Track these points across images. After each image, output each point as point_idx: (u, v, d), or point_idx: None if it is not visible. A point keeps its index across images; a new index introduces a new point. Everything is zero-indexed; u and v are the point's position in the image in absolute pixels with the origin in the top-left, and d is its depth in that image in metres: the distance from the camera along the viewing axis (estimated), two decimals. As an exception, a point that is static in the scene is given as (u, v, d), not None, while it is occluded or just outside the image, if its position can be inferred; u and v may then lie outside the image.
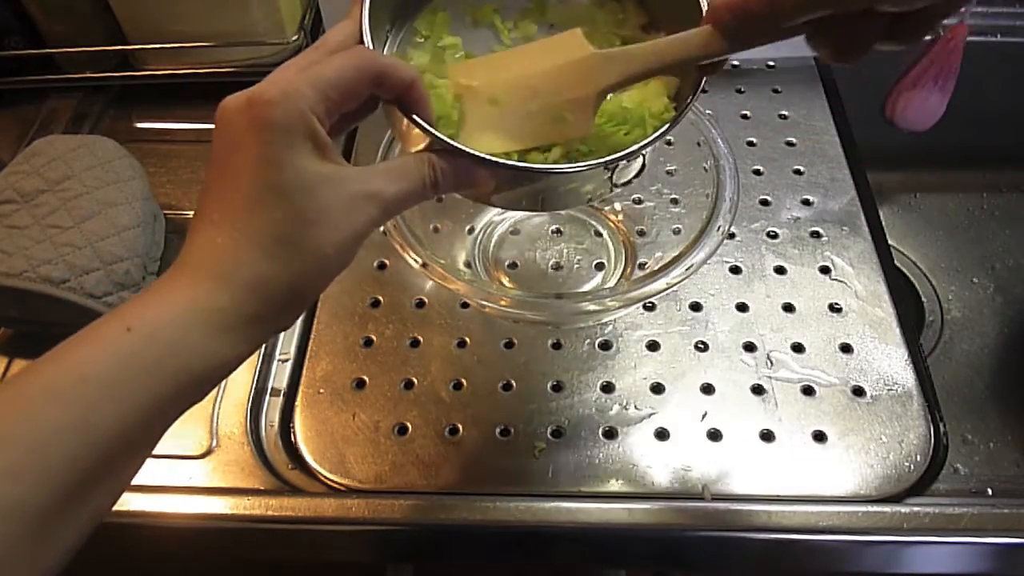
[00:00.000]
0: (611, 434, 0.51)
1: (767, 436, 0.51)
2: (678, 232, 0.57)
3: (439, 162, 0.34)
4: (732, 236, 0.61)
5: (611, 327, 0.56)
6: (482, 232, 0.62)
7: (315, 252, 0.30)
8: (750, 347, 0.55)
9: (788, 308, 0.57)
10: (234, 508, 0.47)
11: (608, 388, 0.53)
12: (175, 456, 0.51)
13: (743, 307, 0.58)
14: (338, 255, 0.31)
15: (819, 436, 0.51)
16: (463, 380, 0.54)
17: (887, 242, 0.61)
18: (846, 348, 0.55)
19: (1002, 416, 0.53)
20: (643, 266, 0.59)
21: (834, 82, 0.74)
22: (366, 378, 0.54)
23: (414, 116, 0.34)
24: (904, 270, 0.63)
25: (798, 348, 0.55)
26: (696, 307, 0.58)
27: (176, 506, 0.47)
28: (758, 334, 0.56)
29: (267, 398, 0.54)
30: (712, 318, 0.57)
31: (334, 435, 0.51)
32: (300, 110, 0.30)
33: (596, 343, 0.56)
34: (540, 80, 0.37)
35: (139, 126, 0.74)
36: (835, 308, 0.57)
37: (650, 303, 0.58)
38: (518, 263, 0.61)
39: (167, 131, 0.73)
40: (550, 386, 0.54)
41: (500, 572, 0.59)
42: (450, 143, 0.34)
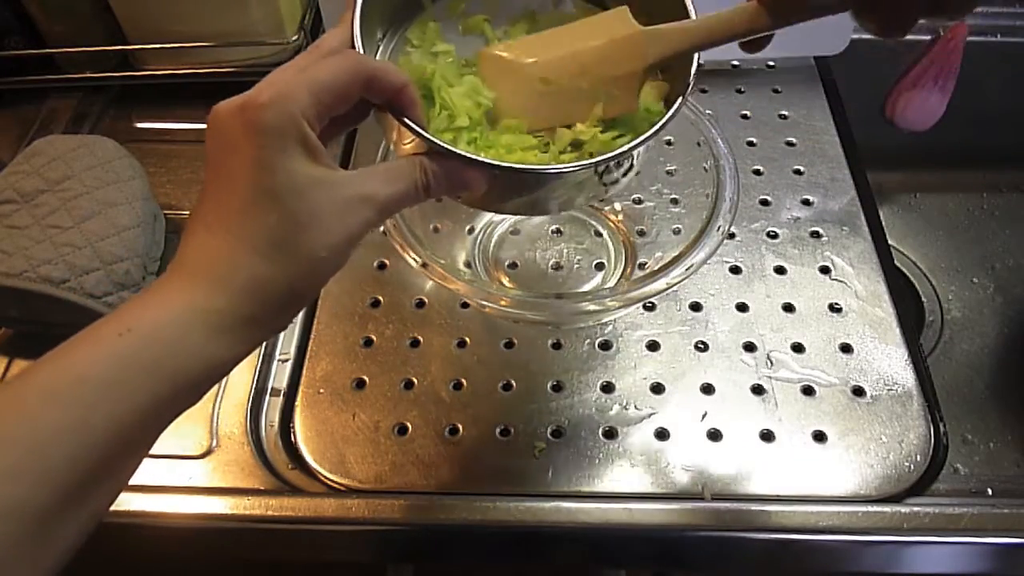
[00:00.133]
0: (611, 434, 0.51)
1: (767, 436, 0.51)
2: (678, 232, 0.57)
3: (430, 165, 0.34)
4: (732, 236, 0.61)
5: (611, 327, 0.56)
6: (482, 232, 0.62)
7: (309, 254, 0.30)
8: (750, 347, 0.55)
9: (788, 308, 0.57)
10: (234, 508, 0.47)
11: (608, 388, 0.53)
12: (175, 456, 0.51)
13: (743, 307, 0.58)
14: (332, 257, 0.31)
15: (819, 436, 0.51)
16: (463, 380, 0.54)
17: (887, 242, 0.61)
18: (846, 348, 0.55)
19: (1002, 416, 0.53)
20: (643, 266, 0.59)
21: (834, 82, 0.74)
22: (366, 378, 0.54)
23: (405, 119, 0.34)
24: (904, 270, 0.63)
25: (798, 348, 0.55)
26: (696, 307, 0.58)
27: (176, 506, 0.47)
28: (758, 334, 0.56)
29: (267, 398, 0.54)
30: (712, 318, 0.57)
31: (334, 435, 0.51)
32: (291, 113, 0.30)
33: (596, 343, 0.56)
34: (589, 57, 0.37)
35: (139, 126, 0.74)
36: (835, 308, 0.57)
37: (650, 303, 0.58)
38: (518, 263, 0.61)
39: (167, 131, 0.73)
40: (550, 386, 0.54)
41: (500, 572, 0.59)
42: (441, 145, 0.34)
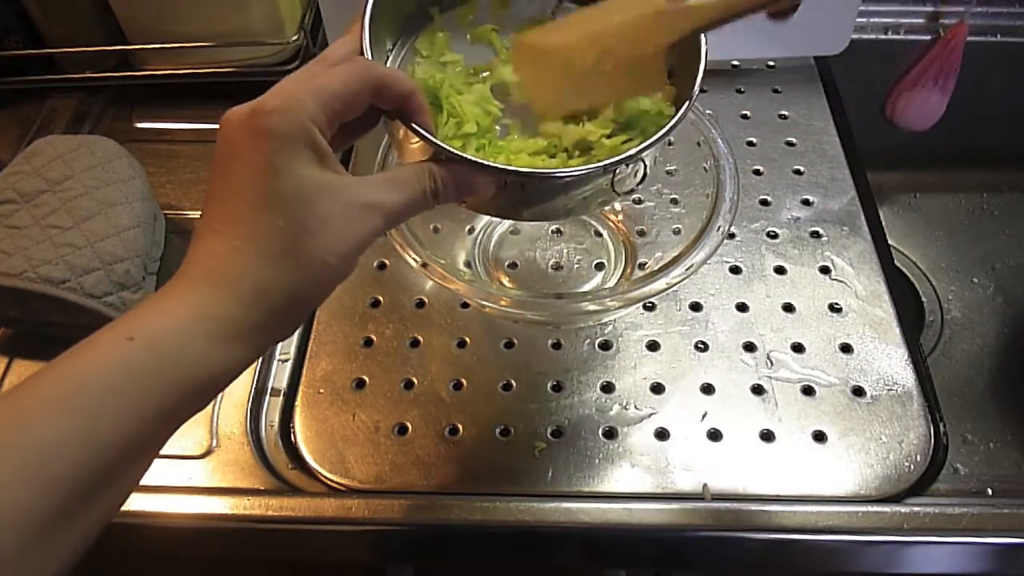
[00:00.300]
0: (611, 434, 0.51)
1: (767, 436, 0.51)
2: (678, 232, 0.57)
3: (440, 171, 0.34)
4: (732, 236, 0.61)
5: (611, 327, 0.56)
6: (482, 232, 0.62)
7: (317, 260, 0.30)
8: (750, 347, 0.55)
9: (788, 308, 0.57)
10: (234, 508, 0.47)
11: (608, 388, 0.53)
12: (175, 456, 0.51)
13: (743, 307, 0.58)
14: (340, 264, 0.31)
15: (819, 436, 0.51)
16: (463, 380, 0.54)
17: (887, 242, 0.61)
18: (846, 348, 0.55)
19: (1002, 416, 0.53)
20: (643, 266, 0.59)
21: (834, 82, 0.74)
22: (366, 378, 0.54)
23: (413, 125, 0.34)
24: (904, 270, 0.63)
25: (798, 348, 0.55)
26: (696, 307, 0.58)
27: (176, 506, 0.47)
28: (758, 334, 0.56)
29: (267, 398, 0.54)
30: (712, 318, 0.57)
31: (334, 435, 0.51)
32: (300, 120, 0.30)
33: (596, 343, 0.56)
34: (614, 38, 0.37)
35: (139, 126, 0.74)
36: (835, 308, 0.57)
37: (650, 303, 0.58)
38: (518, 263, 0.61)
39: (167, 131, 0.73)
40: (550, 386, 0.54)
41: (500, 572, 0.59)
42: (450, 150, 0.34)
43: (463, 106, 0.39)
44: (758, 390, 0.53)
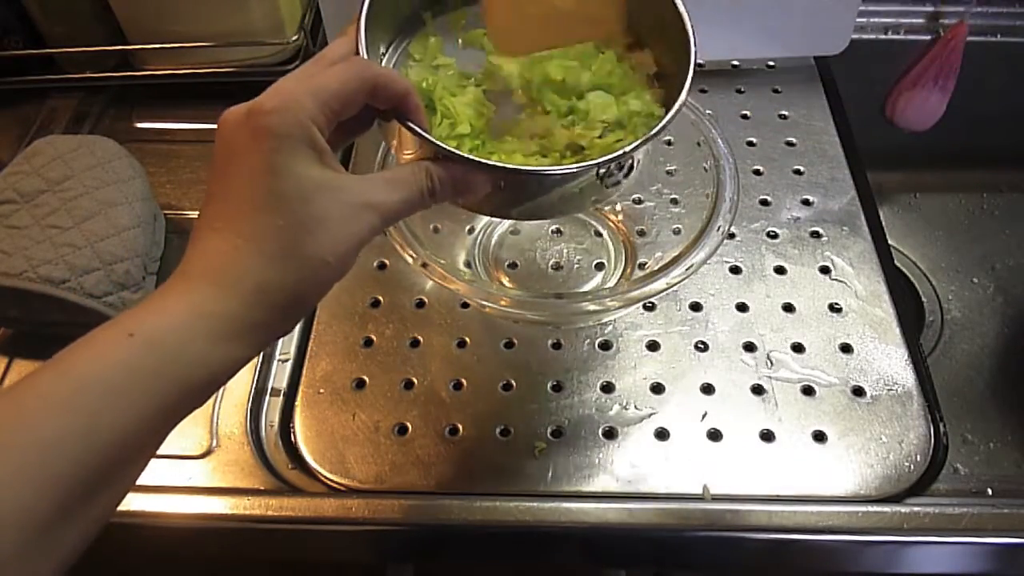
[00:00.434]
0: (611, 434, 0.51)
1: (767, 436, 0.51)
2: (678, 232, 0.57)
3: (436, 170, 0.34)
4: (732, 236, 0.61)
5: (611, 327, 0.56)
6: (482, 232, 0.62)
7: (316, 258, 0.30)
8: (750, 347, 0.55)
9: (788, 308, 0.57)
10: (234, 508, 0.47)
11: (608, 388, 0.53)
12: (175, 456, 0.51)
13: (743, 307, 0.58)
14: (338, 262, 0.31)
15: (819, 436, 0.51)
16: (463, 380, 0.54)
17: (887, 242, 0.61)
18: (846, 348, 0.55)
19: (1002, 416, 0.53)
20: (643, 266, 0.59)
21: (834, 82, 0.74)
22: (366, 378, 0.54)
23: (409, 123, 0.34)
24: (904, 270, 0.63)
25: (798, 348, 0.55)
26: (696, 307, 0.58)
27: (176, 506, 0.47)
28: (758, 334, 0.56)
29: (267, 398, 0.54)
30: (712, 318, 0.57)
31: (334, 435, 0.51)
32: (300, 119, 0.30)
33: (596, 343, 0.56)
34: None
35: (139, 126, 0.74)
36: (835, 308, 0.57)
37: (650, 303, 0.58)
38: (518, 263, 0.61)
39: (167, 131, 0.73)
40: (550, 386, 0.54)
41: (500, 572, 0.59)
42: (446, 148, 0.34)
43: (456, 107, 0.40)
44: (758, 390, 0.53)
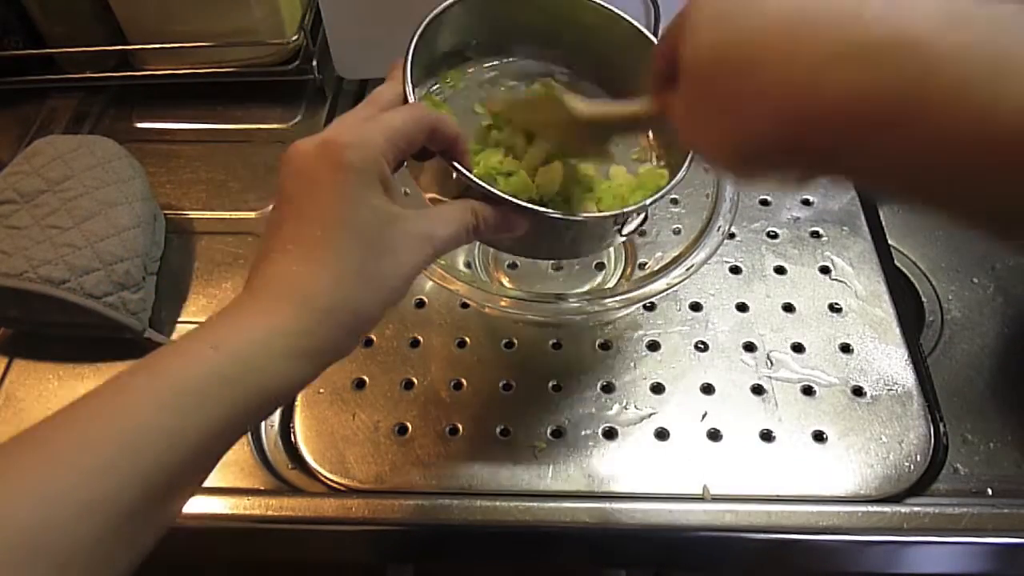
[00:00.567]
0: (611, 434, 0.51)
1: (767, 436, 0.51)
2: (678, 232, 0.57)
3: (481, 209, 0.37)
4: (732, 236, 0.61)
5: (611, 327, 0.56)
6: (482, 232, 0.62)
7: (383, 282, 0.33)
8: (750, 347, 0.55)
9: (788, 308, 0.57)
10: (234, 508, 0.47)
11: (608, 388, 0.53)
12: (175, 456, 0.51)
13: (743, 307, 0.58)
14: (400, 286, 0.34)
15: (819, 436, 0.51)
16: (463, 380, 0.54)
17: (887, 242, 0.61)
18: (846, 348, 0.55)
19: (1002, 416, 0.53)
20: (643, 266, 0.59)
21: (834, 82, 0.73)
22: (366, 378, 0.54)
23: (456, 164, 0.37)
24: (904, 270, 0.63)
25: (798, 348, 0.55)
26: (696, 307, 0.58)
27: (176, 506, 0.47)
28: (758, 334, 0.56)
29: (267, 398, 0.54)
30: (712, 318, 0.57)
31: (334, 435, 0.51)
32: (375, 155, 0.33)
33: (596, 343, 0.56)
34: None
35: (139, 126, 0.74)
36: (835, 308, 0.57)
37: (650, 303, 0.58)
38: (518, 263, 0.61)
39: (167, 131, 0.73)
40: (550, 386, 0.54)
41: (500, 572, 0.59)
42: (491, 191, 0.38)
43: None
44: (758, 390, 0.53)
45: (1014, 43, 0.22)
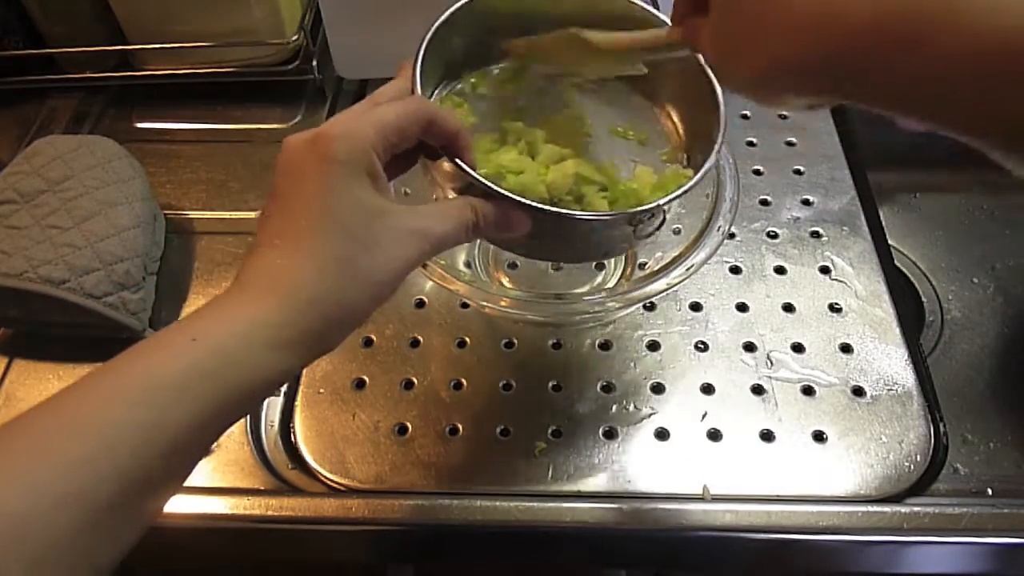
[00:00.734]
0: (611, 434, 0.51)
1: (767, 436, 0.51)
2: (678, 232, 0.57)
3: (481, 206, 0.37)
4: (732, 236, 0.61)
5: (611, 327, 0.56)
6: (482, 232, 0.62)
7: (369, 276, 0.32)
8: (750, 347, 0.55)
9: (788, 308, 0.57)
10: (234, 508, 0.47)
11: (608, 388, 0.53)
12: (175, 456, 0.51)
13: (743, 307, 0.58)
14: (388, 281, 0.33)
15: (819, 436, 0.51)
16: (463, 380, 0.54)
17: (887, 242, 0.61)
18: (846, 348, 0.55)
19: (1002, 416, 0.53)
20: (643, 266, 0.58)
21: (834, 82, 0.73)
22: (366, 378, 0.54)
23: (457, 160, 0.36)
24: (904, 270, 0.63)
25: (798, 348, 0.55)
26: (696, 307, 0.58)
27: (176, 506, 0.47)
28: (758, 334, 0.56)
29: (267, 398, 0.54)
30: (712, 318, 0.57)
31: (334, 435, 0.51)
32: (362, 147, 0.33)
33: (596, 343, 0.56)
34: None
35: (139, 126, 0.74)
36: (835, 308, 0.57)
37: (650, 303, 0.58)
38: (518, 263, 0.61)
39: (167, 131, 0.73)
40: (550, 386, 0.54)
41: (500, 572, 0.59)
42: (493, 188, 0.36)
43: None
44: (758, 390, 0.53)
45: None
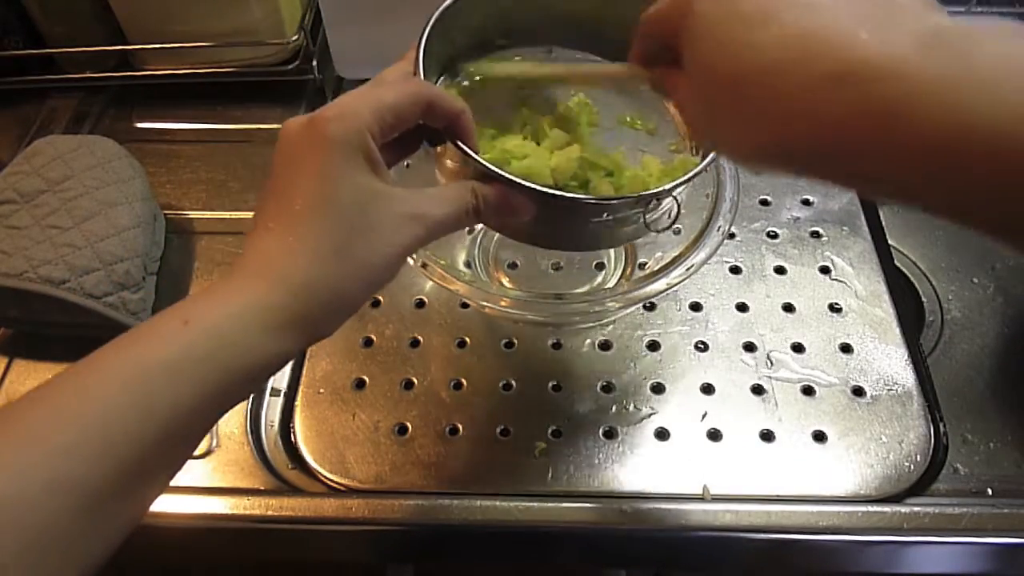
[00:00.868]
0: (611, 434, 0.51)
1: (767, 436, 0.51)
2: (678, 232, 0.57)
3: (482, 190, 0.36)
4: (732, 236, 0.61)
5: (611, 327, 0.56)
6: (482, 232, 0.62)
7: (364, 261, 0.32)
8: (750, 347, 0.55)
9: (788, 308, 0.57)
10: (234, 508, 0.47)
11: (608, 388, 0.53)
12: (175, 456, 0.50)
13: (743, 307, 0.58)
14: (384, 267, 0.33)
15: (819, 436, 0.51)
16: (463, 380, 0.54)
17: (887, 242, 0.61)
18: (846, 348, 0.55)
19: (1002, 416, 0.53)
20: (643, 266, 0.59)
21: (834, 82, 0.73)
22: (366, 378, 0.54)
23: (459, 143, 0.36)
24: (904, 270, 0.63)
25: (798, 348, 0.55)
26: (696, 307, 0.58)
27: (176, 506, 0.47)
28: (758, 334, 0.56)
29: (267, 398, 0.54)
30: (712, 318, 0.57)
31: (334, 435, 0.51)
32: (357, 128, 0.32)
33: (596, 343, 0.56)
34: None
35: (139, 126, 0.74)
36: (835, 308, 0.57)
37: (650, 303, 0.58)
38: (518, 263, 0.61)
39: (167, 131, 0.73)
40: (550, 386, 0.54)
41: (500, 572, 0.59)
42: (493, 169, 0.36)
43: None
44: (758, 390, 0.53)
45: (981, 57, 0.23)
